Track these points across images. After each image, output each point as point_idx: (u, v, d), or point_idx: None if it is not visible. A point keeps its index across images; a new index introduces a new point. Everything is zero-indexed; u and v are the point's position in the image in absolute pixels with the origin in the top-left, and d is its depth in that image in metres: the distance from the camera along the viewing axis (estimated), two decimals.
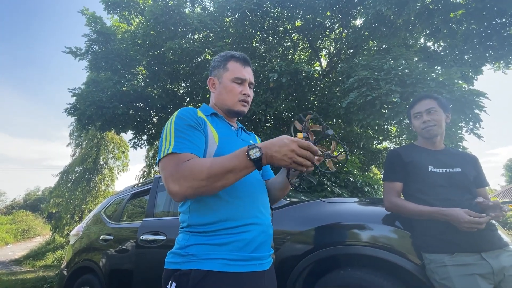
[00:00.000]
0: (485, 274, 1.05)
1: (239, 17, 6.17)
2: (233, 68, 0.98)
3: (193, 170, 0.72)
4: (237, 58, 1.00)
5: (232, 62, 0.99)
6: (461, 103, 3.72)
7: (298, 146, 0.68)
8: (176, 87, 7.66)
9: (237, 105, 0.98)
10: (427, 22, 5.09)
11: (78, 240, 2.78)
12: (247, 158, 0.70)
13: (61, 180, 12.68)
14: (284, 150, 0.69)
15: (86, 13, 6.44)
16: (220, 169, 0.71)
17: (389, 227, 1.30)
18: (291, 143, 0.69)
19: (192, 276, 0.74)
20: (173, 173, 0.74)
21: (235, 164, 0.71)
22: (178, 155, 0.77)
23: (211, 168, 0.71)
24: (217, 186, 0.72)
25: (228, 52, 1.03)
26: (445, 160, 1.29)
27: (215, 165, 0.72)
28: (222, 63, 1.00)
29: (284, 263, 1.38)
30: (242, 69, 0.99)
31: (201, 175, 0.71)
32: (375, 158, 8.18)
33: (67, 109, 6.13)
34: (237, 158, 0.72)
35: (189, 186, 0.72)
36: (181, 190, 0.73)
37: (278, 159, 0.69)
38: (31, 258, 10.42)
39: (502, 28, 4.79)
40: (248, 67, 1.02)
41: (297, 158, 0.68)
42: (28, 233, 18.74)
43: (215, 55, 1.26)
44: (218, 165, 0.72)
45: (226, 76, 0.98)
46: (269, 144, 0.71)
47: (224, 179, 0.72)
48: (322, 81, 6.19)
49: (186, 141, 0.81)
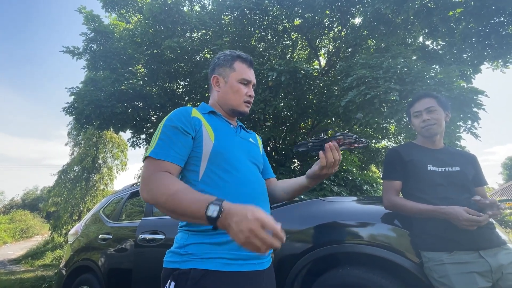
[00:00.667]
0: (483, 272, 1.06)
1: (238, 16, 6.15)
2: (240, 69, 0.99)
3: (159, 189, 0.73)
4: (244, 59, 1.01)
5: (239, 62, 0.99)
6: (459, 101, 3.73)
7: (260, 227, 0.58)
8: (174, 86, 7.64)
9: (241, 106, 0.99)
10: (426, 21, 5.09)
11: (77, 239, 2.77)
12: (204, 211, 0.64)
13: (60, 179, 12.66)
14: (242, 226, 0.58)
15: (84, 12, 6.40)
16: (178, 205, 0.69)
17: (388, 225, 1.30)
18: (253, 221, 0.58)
19: (191, 275, 0.74)
20: (146, 180, 0.76)
21: (192, 210, 0.67)
22: (155, 162, 0.79)
23: (170, 199, 0.70)
24: (168, 213, 0.73)
25: (233, 51, 1.02)
26: (444, 159, 1.29)
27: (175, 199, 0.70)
28: (229, 62, 0.99)
29: (283, 261, 1.38)
30: (248, 70, 1.00)
31: (162, 198, 0.72)
32: (374, 157, 8.21)
33: (65, 108, 6.10)
34: (197, 204, 0.66)
35: (154, 200, 0.74)
36: (148, 198, 0.75)
37: (233, 233, 0.60)
38: (29, 258, 10.41)
39: (500, 27, 4.80)
40: (252, 68, 1.03)
41: (253, 240, 0.58)
42: (27, 233, 18.72)
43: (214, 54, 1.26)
44: (178, 200, 0.69)
45: (233, 76, 0.98)
46: (234, 210, 0.62)
47: (176, 215, 0.72)
48: (321, 79, 6.19)
49: (166, 147, 0.80)
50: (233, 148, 0.90)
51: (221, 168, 0.85)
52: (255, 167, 0.96)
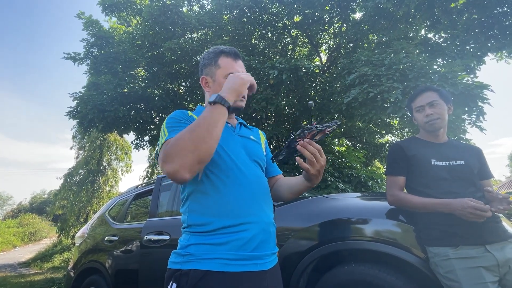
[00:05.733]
0: (490, 266, 1.04)
1: (237, 15, 6.14)
2: (224, 64, 0.95)
3: (177, 142, 0.73)
4: (227, 53, 0.96)
5: (223, 57, 0.96)
6: (464, 96, 3.68)
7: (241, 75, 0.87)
8: (176, 87, 7.66)
9: (235, 101, 0.96)
10: (428, 13, 5.02)
11: (84, 241, 2.80)
12: (212, 104, 0.79)
13: (66, 182, 12.80)
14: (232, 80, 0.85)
15: (83, 17, 6.44)
16: (199, 126, 0.74)
17: (393, 221, 1.29)
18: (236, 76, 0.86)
19: (191, 276, 0.74)
20: (164, 154, 0.74)
21: (208, 115, 0.76)
22: (167, 141, 0.78)
23: (191, 132, 0.73)
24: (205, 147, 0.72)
25: (216, 47, 0.99)
26: (448, 153, 1.27)
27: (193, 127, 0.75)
28: (213, 60, 0.97)
29: (288, 259, 1.38)
30: (234, 63, 0.96)
31: (187, 143, 0.71)
32: (378, 152, 8.15)
33: (68, 113, 6.16)
34: (205, 111, 0.78)
35: (182, 158, 0.70)
36: (175, 166, 0.70)
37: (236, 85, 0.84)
38: (38, 260, 10.56)
39: (504, 17, 4.71)
40: (239, 60, 0.98)
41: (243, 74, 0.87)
42: (35, 236, 18.97)
43: None
44: (195, 125, 0.75)
45: (219, 73, 0.95)
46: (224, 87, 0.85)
47: (209, 134, 0.73)
48: (323, 76, 6.16)
49: (177, 130, 0.81)
50: (231, 147, 0.89)
51: (219, 169, 0.84)
52: (255, 165, 0.94)
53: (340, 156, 6.54)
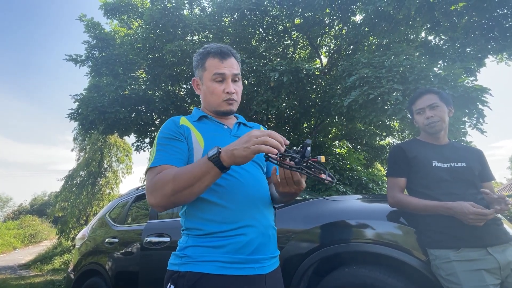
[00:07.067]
0: (492, 269, 1.04)
1: (238, 17, 6.17)
2: (210, 66, 0.90)
3: (162, 183, 0.74)
4: (213, 53, 0.91)
5: (210, 59, 0.91)
6: (464, 99, 3.69)
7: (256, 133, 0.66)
8: (177, 89, 7.69)
9: (222, 105, 0.92)
10: (428, 16, 5.04)
11: (84, 243, 2.80)
12: (207, 159, 0.69)
13: (66, 184, 12.79)
14: (243, 141, 0.66)
15: (84, 20, 6.48)
16: (186, 178, 0.71)
17: (394, 223, 1.29)
18: (249, 133, 0.67)
19: (187, 278, 0.74)
20: (149, 186, 0.77)
21: (196, 169, 0.70)
22: (155, 169, 0.80)
23: (175, 179, 0.72)
24: (185, 195, 0.72)
25: (204, 48, 0.93)
26: (449, 155, 1.27)
27: (178, 176, 0.72)
28: (201, 62, 0.93)
29: (288, 261, 1.38)
30: (220, 64, 0.90)
31: (168, 187, 0.72)
32: (378, 154, 8.15)
33: (69, 115, 6.18)
34: (199, 162, 0.72)
35: (162, 197, 0.73)
36: (156, 202, 0.75)
37: (240, 152, 0.65)
38: (38, 262, 10.53)
39: (504, 19, 4.73)
40: (228, 58, 0.91)
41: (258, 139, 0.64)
42: (35, 238, 18.93)
43: None
44: (182, 175, 0.72)
45: (206, 76, 0.92)
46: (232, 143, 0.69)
47: (190, 187, 0.71)
48: (323, 78, 6.17)
49: (163, 153, 0.82)
50: None
51: None
52: (254, 166, 0.91)
53: (341, 158, 6.54)
